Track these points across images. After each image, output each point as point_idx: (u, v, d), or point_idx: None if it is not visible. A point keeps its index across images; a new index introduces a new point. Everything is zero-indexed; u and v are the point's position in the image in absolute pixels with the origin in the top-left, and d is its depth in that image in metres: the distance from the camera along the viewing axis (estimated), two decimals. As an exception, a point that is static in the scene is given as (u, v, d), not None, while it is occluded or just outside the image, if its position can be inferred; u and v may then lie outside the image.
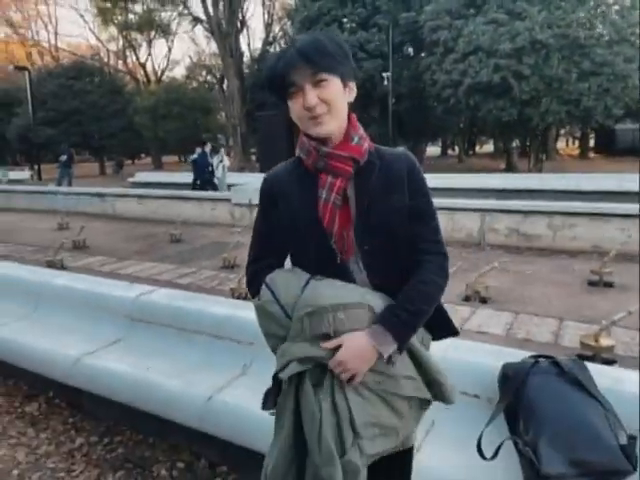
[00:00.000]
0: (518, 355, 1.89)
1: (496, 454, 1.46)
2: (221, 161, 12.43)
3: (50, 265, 6.22)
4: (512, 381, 1.75)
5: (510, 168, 21.99)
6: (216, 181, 12.55)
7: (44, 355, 2.85)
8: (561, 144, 44.69)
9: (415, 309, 1.18)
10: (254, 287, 1.30)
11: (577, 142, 39.67)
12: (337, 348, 1.12)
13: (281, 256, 1.33)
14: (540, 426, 1.54)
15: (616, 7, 18.48)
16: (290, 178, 1.25)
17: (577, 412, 1.56)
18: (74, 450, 2.54)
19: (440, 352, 1.99)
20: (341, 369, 1.12)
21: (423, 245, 1.24)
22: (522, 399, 1.65)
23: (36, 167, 25.10)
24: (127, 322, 2.88)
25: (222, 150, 13.28)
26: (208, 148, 12.42)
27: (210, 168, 12.33)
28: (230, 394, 2.25)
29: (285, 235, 1.26)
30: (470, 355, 2.01)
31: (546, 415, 1.56)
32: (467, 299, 4.72)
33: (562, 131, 36.42)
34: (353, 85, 1.21)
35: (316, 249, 1.20)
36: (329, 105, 1.15)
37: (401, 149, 1.32)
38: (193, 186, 12.49)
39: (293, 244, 1.27)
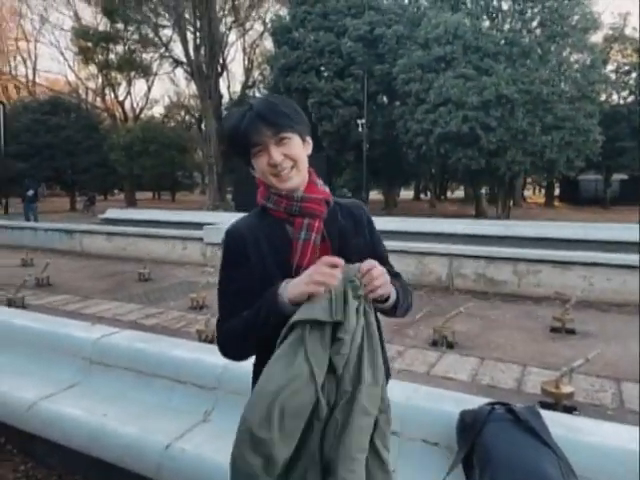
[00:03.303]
0: (477, 402, 1.92)
1: (452, 504, 1.47)
2: None
3: (10, 304, 6.02)
4: (469, 429, 1.77)
5: (479, 214, 22.67)
6: None
7: (-3, 399, 2.74)
8: (528, 192, 46.46)
9: (405, 300, 1.30)
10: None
11: (543, 190, 41.29)
12: None
13: None
14: (495, 474, 1.56)
15: (577, 66, 19.76)
16: (257, 228, 1.26)
17: (531, 460, 1.58)
18: (21, 501, 2.41)
19: (402, 399, 2.02)
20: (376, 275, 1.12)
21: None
22: (478, 447, 1.67)
23: (4, 201, 24.58)
24: (86, 365, 2.81)
25: None
26: None
27: None
28: (190, 442, 2.19)
29: (257, 287, 1.21)
30: (430, 402, 2.03)
31: (500, 463, 1.58)
32: (434, 344, 4.75)
33: (529, 180, 37.99)
34: (309, 139, 1.29)
35: None
36: (294, 161, 1.21)
37: (355, 200, 1.43)
38: None
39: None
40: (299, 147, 1.23)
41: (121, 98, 38.83)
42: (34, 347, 3.10)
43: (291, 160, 1.21)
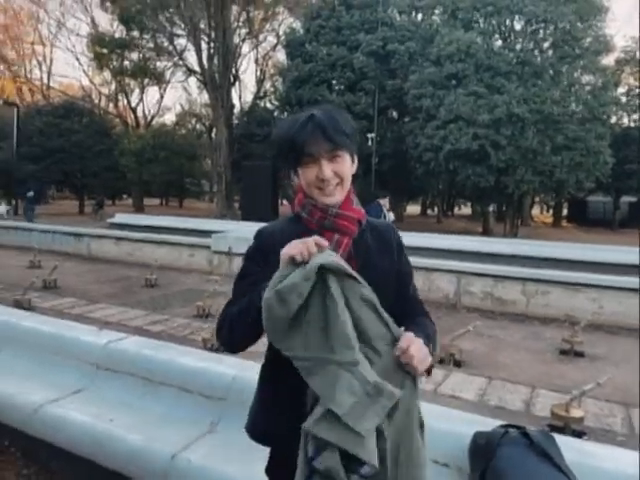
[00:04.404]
0: (488, 424, 1.89)
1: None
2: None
3: (17, 305, 6.03)
4: (482, 451, 1.74)
5: (486, 231, 22.56)
6: None
7: (3, 401, 2.72)
8: (536, 211, 46.31)
9: (434, 345, 1.27)
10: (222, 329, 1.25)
11: (551, 210, 41.14)
12: None
13: None
14: (508, 499, 1.52)
15: (588, 87, 19.76)
16: (288, 234, 1.26)
17: (545, 486, 1.55)
18: (23, 506, 2.39)
19: (411, 417, 1.99)
20: (413, 359, 1.11)
21: (415, 307, 1.41)
22: (490, 470, 1.63)
23: (14, 202, 24.79)
24: (93, 370, 2.80)
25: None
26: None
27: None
28: (196, 452, 2.17)
29: None
30: (440, 422, 2.00)
31: (515, 488, 1.54)
32: (441, 362, 4.70)
33: (537, 199, 37.86)
34: (357, 160, 1.31)
35: None
36: (341, 178, 1.24)
37: (387, 222, 1.46)
38: None
39: None
40: (348, 166, 1.25)
41: (134, 104, 39.32)
42: (41, 350, 3.10)
43: (338, 177, 1.23)
